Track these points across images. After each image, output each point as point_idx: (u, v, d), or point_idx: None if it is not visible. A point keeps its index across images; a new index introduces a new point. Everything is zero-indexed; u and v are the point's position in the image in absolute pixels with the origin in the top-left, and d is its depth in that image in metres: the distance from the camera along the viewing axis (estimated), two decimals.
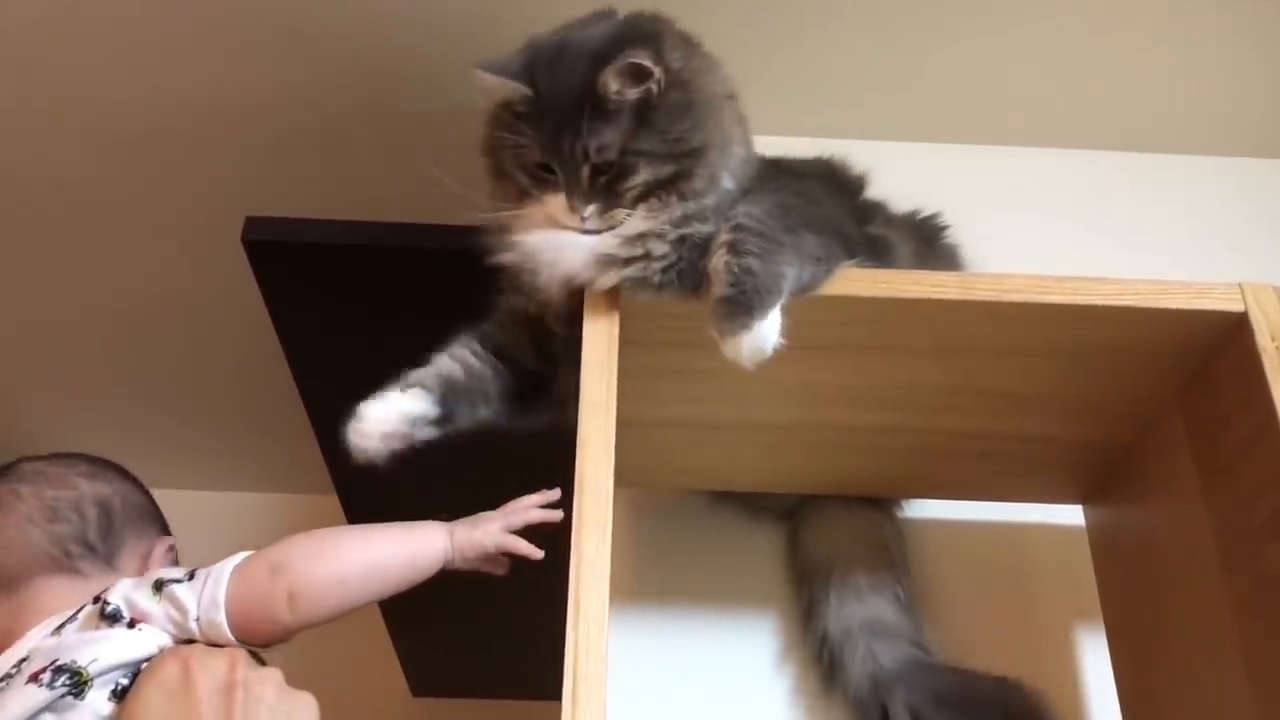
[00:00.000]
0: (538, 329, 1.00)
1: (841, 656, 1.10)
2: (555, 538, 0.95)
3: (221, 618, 0.96)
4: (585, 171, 0.93)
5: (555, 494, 1.00)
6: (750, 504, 1.22)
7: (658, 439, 1.09)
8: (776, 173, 1.01)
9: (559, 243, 0.94)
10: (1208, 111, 1.44)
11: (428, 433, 0.97)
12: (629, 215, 0.94)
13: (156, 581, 0.99)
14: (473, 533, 1.01)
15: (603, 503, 0.85)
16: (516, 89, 0.94)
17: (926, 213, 1.18)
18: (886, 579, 1.13)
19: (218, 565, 1.00)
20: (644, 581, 1.19)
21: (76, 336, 1.97)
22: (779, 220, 0.91)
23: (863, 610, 1.11)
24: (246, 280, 1.48)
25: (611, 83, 0.91)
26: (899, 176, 1.12)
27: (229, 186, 1.60)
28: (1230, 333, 0.93)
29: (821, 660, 1.11)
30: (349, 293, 1.54)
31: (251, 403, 2.08)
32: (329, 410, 1.70)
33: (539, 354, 1.01)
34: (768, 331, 0.87)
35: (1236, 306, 0.92)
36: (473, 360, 1.01)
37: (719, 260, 0.89)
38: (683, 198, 0.93)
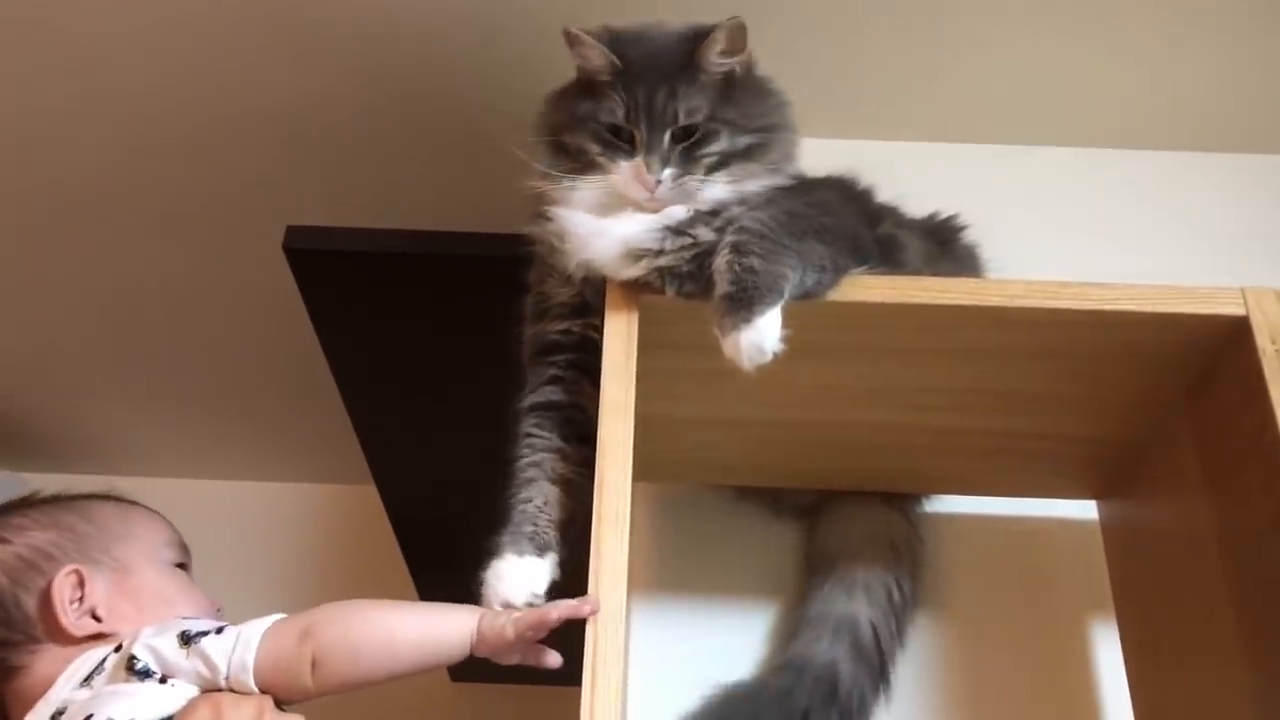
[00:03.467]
0: (597, 358, 1.00)
1: (799, 634, 1.13)
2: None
3: (250, 681, 0.98)
4: (667, 135, 0.98)
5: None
6: (771, 500, 1.25)
7: (680, 436, 1.12)
8: (793, 183, 1.04)
9: (594, 227, 0.98)
10: (1216, 108, 1.44)
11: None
12: (704, 183, 0.98)
13: (183, 634, 1.01)
14: (496, 620, 0.97)
15: (621, 502, 0.88)
16: (608, 55, 1.00)
17: (944, 215, 1.20)
18: (885, 577, 1.15)
19: (248, 627, 1.01)
20: (666, 574, 1.23)
21: (124, 335, 2.02)
22: (785, 226, 0.94)
23: (845, 605, 1.13)
24: (287, 281, 1.53)
25: (720, 40, 0.98)
26: (905, 176, 1.15)
27: (272, 193, 1.64)
28: (1232, 336, 0.95)
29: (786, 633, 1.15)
30: (387, 298, 1.57)
31: (291, 397, 2.11)
32: (368, 407, 1.75)
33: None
34: (766, 330, 0.89)
35: (1238, 310, 0.94)
36: (566, 469, 1.01)
37: (722, 260, 0.92)
38: (764, 164, 0.99)
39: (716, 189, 0.98)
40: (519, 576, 0.96)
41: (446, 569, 1.20)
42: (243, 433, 2.35)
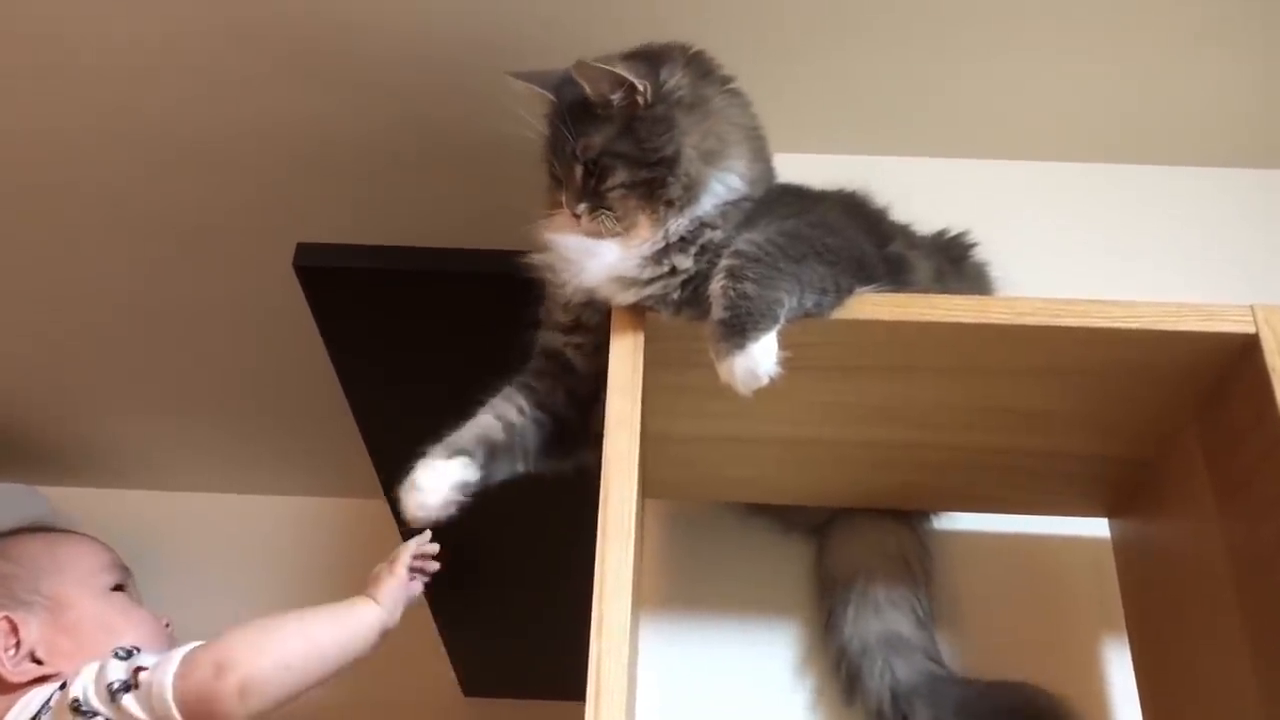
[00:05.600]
0: (569, 375, 1.05)
1: (859, 670, 1.12)
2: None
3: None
4: (579, 171, 1.00)
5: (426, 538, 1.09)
6: (781, 517, 1.24)
7: (687, 453, 1.12)
8: (796, 200, 1.04)
9: (585, 249, 1.00)
10: (1224, 122, 1.44)
11: (466, 497, 1.02)
12: (616, 219, 0.99)
13: (109, 687, 1.04)
14: (387, 586, 1.08)
15: (626, 517, 0.89)
16: (535, 92, 1.03)
17: (954, 232, 1.20)
18: (906, 594, 1.15)
19: (160, 671, 1.03)
20: (675, 591, 1.22)
21: (138, 350, 2.03)
22: (783, 249, 0.94)
23: (879, 624, 1.13)
24: (299, 297, 1.53)
25: (585, 84, 0.98)
26: (910, 192, 1.14)
27: (285, 210, 1.65)
28: (1241, 354, 0.95)
29: (839, 672, 1.14)
30: (398, 315, 1.58)
31: (303, 411, 2.12)
32: (379, 422, 1.76)
33: (571, 402, 1.06)
34: (760, 356, 0.89)
35: (1247, 328, 0.94)
36: (515, 417, 1.05)
37: (717, 285, 0.92)
38: (667, 206, 0.98)
39: (643, 229, 0.99)
40: (430, 477, 1.01)
41: (457, 581, 1.21)
42: (254, 446, 2.36)
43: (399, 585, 1.05)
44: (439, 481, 1.01)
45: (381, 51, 1.40)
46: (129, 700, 1.02)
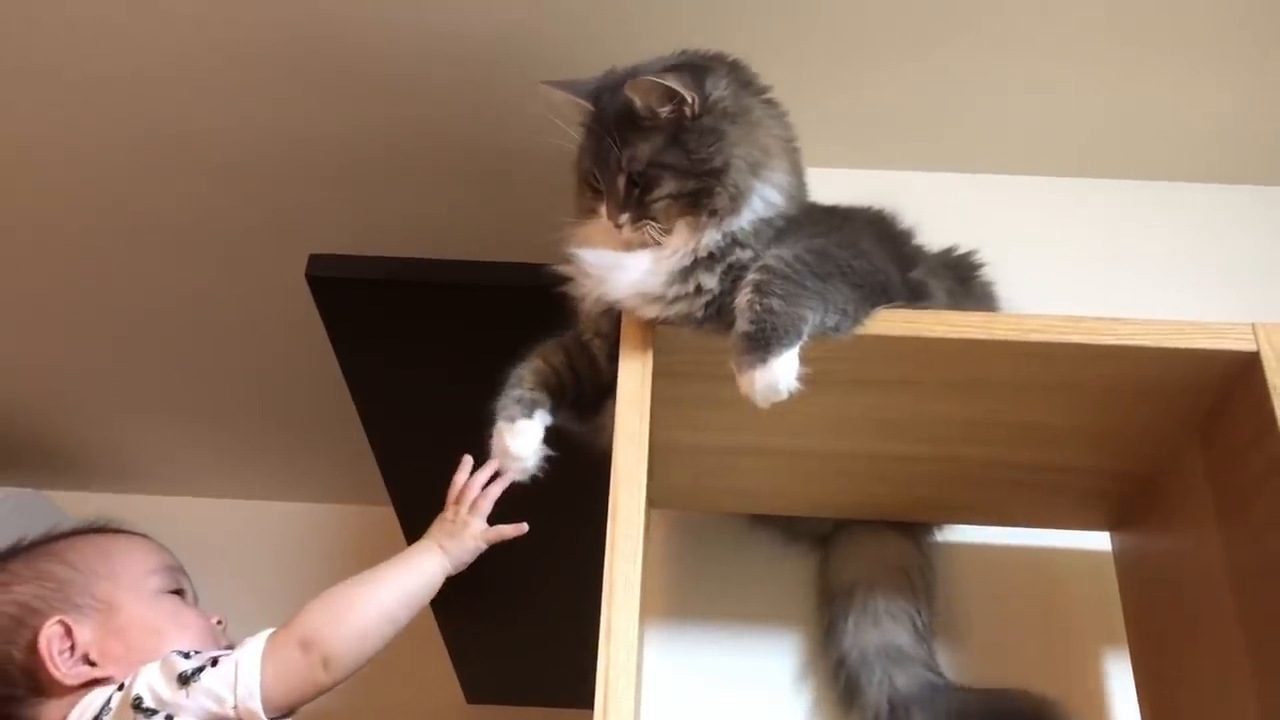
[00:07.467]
0: (594, 363, 1.06)
1: (858, 680, 1.13)
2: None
3: (259, 706, 1.03)
4: (622, 181, 0.99)
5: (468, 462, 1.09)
6: (786, 528, 1.25)
7: (694, 463, 1.13)
8: (826, 218, 1.05)
9: (610, 262, 1.00)
10: (1229, 139, 1.45)
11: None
12: (661, 229, 0.99)
13: (181, 675, 1.04)
14: (462, 543, 1.11)
15: (634, 529, 0.89)
16: (575, 102, 1.02)
17: (962, 250, 1.21)
18: (906, 606, 1.15)
19: (246, 653, 1.05)
20: (679, 600, 1.23)
21: (149, 356, 2.04)
22: (810, 267, 0.94)
23: (879, 635, 1.14)
24: (310, 305, 1.55)
25: (635, 98, 0.98)
26: (916, 206, 1.15)
27: (297, 221, 1.66)
28: (1243, 371, 0.96)
29: (838, 682, 1.15)
30: (408, 326, 1.59)
31: (312, 418, 2.13)
32: (387, 430, 1.77)
33: (594, 383, 1.06)
34: (781, 371, 0.90)
35: (1249, 346, 0.95)
36: (561, 367, 1.07)
37: (743, 298, 0.93)
38: (711, 215, 0.98)
39: (680, 238, 0.99)
40: (523, 446, 1.02)
41: (462, 589, 1.22)
42: (264, 453, 2.37)
43: (475, 545, 1.10)
44: (531, 442, 1.02)
45: (396, 65, 1.41)
46: (208, 676, 1.04)
